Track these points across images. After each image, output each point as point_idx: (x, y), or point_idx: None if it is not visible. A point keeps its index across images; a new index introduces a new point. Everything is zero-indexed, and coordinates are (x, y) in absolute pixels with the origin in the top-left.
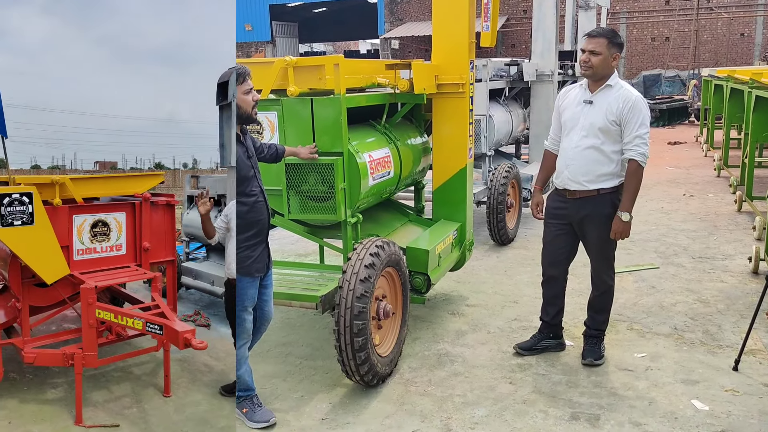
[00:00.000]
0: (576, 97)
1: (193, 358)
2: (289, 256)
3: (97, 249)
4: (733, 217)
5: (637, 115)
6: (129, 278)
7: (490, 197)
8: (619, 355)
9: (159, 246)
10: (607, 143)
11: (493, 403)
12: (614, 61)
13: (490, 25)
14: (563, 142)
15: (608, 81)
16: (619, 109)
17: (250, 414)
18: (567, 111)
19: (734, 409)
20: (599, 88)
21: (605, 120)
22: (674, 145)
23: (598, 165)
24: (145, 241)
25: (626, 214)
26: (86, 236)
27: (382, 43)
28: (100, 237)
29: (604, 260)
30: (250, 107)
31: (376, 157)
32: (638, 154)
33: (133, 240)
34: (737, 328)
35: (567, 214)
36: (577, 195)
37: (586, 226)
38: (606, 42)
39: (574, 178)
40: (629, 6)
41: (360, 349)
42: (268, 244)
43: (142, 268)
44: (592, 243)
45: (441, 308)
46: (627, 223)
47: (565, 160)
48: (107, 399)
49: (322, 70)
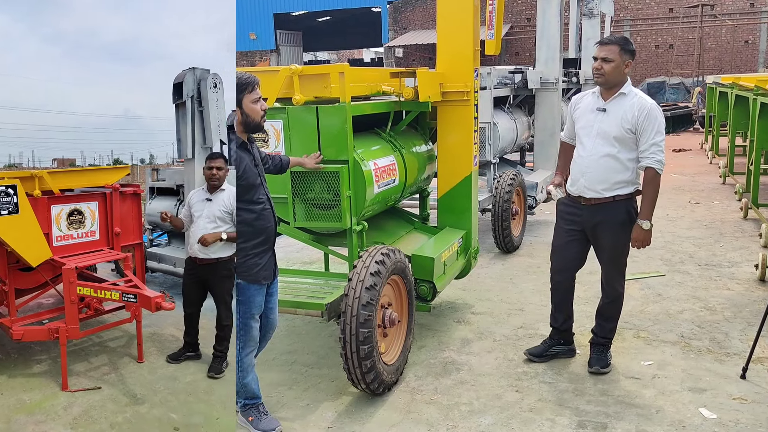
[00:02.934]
0: (589, 105)
1: (162, 330)
2: (295, 264)
3: (73, 235)
4: (739, 225)
5: (653, 123)
6: (103, 259)
7: (495, 205)
8: (625, 363)
9: (128, 231)
10: (623, 151)
11: (500, 411)
12: (627, 69)
13: (494, 33)
14: (578, 150)
15: (622, 89)
16: (634, 118)
17: (255, 422)
18: (581, 119)
19: (742, 417)
20: (613, 96)
21: (620, 128)
22: (679, 152)
23: (614, 173)
24: (116, 227)
25: (647, 222)
26: (64, 224)
27: (386, 52)
28: (76, 224)
29: (615, 268)
30: (258, 116)
31: (381, 165)
32: (655, 161)
33: (105, 226)
34: (744, 335)
35: (580, 221)
36: (592, 202)
37: (600, 232)
38: (618, 49)
39: (591, 186)
40: (633, 14)
41: (366, 357)
42: (274, 252)
43: (114, 251)
44: (605, 250)
45: (446, 316)
46: (648, 231)
47: (580, 167)
48: (88, 369)
49: (328, 78)
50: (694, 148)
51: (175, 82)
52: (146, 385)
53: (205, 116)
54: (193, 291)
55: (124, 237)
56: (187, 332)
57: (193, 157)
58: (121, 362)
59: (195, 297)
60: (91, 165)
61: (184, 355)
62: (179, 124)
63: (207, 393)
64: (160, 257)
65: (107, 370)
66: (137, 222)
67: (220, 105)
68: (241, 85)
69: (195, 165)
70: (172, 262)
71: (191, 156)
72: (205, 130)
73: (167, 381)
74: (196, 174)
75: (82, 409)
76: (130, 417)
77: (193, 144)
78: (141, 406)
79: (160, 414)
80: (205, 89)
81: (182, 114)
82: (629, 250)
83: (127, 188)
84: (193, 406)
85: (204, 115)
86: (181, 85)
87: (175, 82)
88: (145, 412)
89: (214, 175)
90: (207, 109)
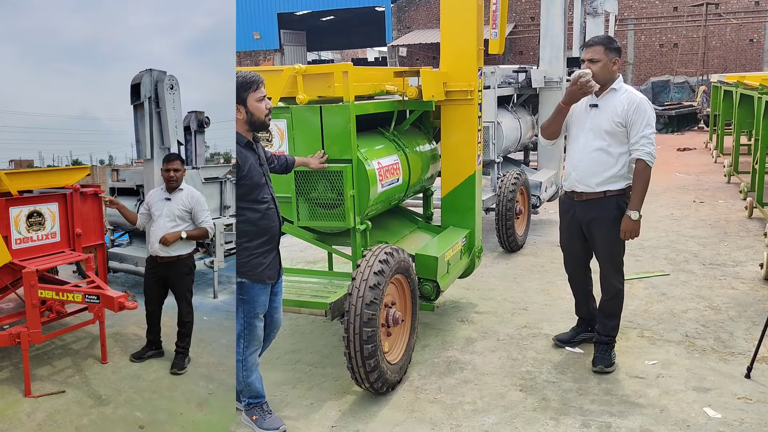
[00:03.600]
0: (582, 102)
1: (124, 330)
2: (298, 263)
3: (33, 237)
4: (743, 224)
5: (642, 115)
6: (64, 261)
7: (499, 204)
8: (630, 362)
9: (89, 231)
10: (614, 145)
11: (504, 410)
12: (614, 66)
13: (498, 32)
14: (571, 146)
15: (613, 85)
16: (624, 111)
17: (260, 421)
18: (573, 115)
19: (747, 417)
20: (604, 93)
21: (611, 122)
22: (683, 151)
23: (606, 167)
24: (77, 228)
25: (635, 212)
26: (23, 226)
27: (389, 51)
28: (36, 226)
29: (611, 263)
30: (263, 114)
31: (384, 164)
32: (645, 153)
33: (66, 227)
34: (749, 335)
35: (576, 216)
36: (584, 197)
37: (593, 229)
38: (603, 48)
39: (582, 180)
40: (637, 12)
41: (369, 356)
42: (279, 251)
43: (76, 252)
44: (599, 246)
45: (450, 315)
46: (636, 222)
47: (573, 162)
48: (51, 372)
49: (331, 78)
50: (698, 147)
51: (132, 83)
52: (110, 385)
53: (162, 117)
54: (154, 289)
55: (86, 238)
56: (149, 330)
57: (152, 157)
58: (84, 364)
59: (157, 295)
60: (50, 166)
61: (147, 353)
62: (137, 125)
63: (170, 389)
64: (121, 257)
65: (71, 373)
66: (99, 222)
67: (177, 106)
68: (245, 83)
69: (154, 165)
70: (134, 262)
71: (150, 156)
72: (162, 130)
73: (131, 380)
74: (155, 174)
75: (46, 414)
76: (95, 419)
77: (151, 145)
78: (106, 407)
79: (126, 413)
80: (162, 90)
81: (140, 115)
82: (625, 246)
83: (88, 188)
84: (158, 404)
85: (161, 116)
86: (139, 86)
87: (133, 83)
88: (110, 413)
89: (172, 177)
90: (164, 110)
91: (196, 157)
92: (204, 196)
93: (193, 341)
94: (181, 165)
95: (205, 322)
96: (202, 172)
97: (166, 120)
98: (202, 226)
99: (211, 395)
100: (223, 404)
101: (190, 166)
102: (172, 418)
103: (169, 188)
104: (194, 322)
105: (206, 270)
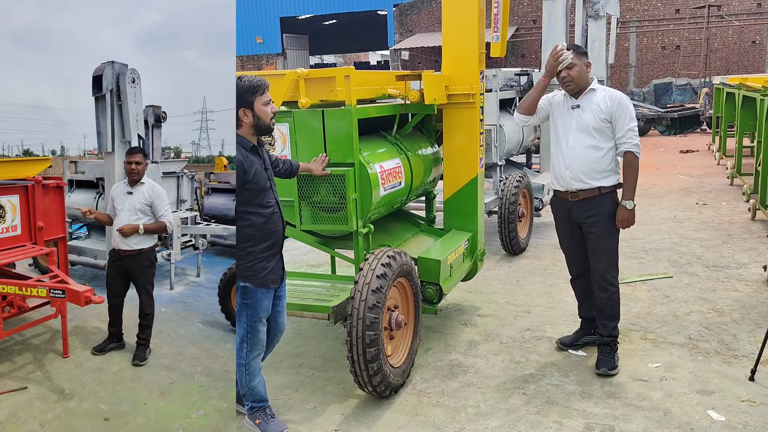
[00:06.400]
0: (562, 105)
1: (85, 323)
2: (301, 267)
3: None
4: (746, 226)
5: (625, 110)
6: (26, 255)
7: (502, 207)
8: (633, 365)
9: (51, 224)
10: (602, 141)
11: (507, 414)
12: (588, 69)
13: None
14: (558, 148)
15: (591, 86)
16: (608, 108)
17: (263, 425)
18: (557, 119)
19: (751, 419)
20: (584, 93)
21: (597, 119)
22: (686, 153)
23: (597, 162)
24: (39, 221)
25: (630, 202)
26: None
27: (392, 55)
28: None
29: (607, 260)
30: (268, 118)
31: (387, 167)
32: (633, 145)
33: (27, 220)
34: (753, 337)
35: (573, 216)
36: (579, 196)
37: (590, 227)
38: (573, 53)
39: (576, 176)
40: (639, 15)
41: (372, 360)
42: (282, 255)
43: (37, 246)
44: (598, 242)
45: (453, 318)
46: (631, 211)
47: (564, 162)
48: (12, 369)
49: (333, 81)
50: (701, 149)
51: (94, 74)
52: (73, 379)
53: (124, 110)
54: (116, 282)
55: (48, 231)
56: (111, 323)
57: (113, 150)
58: (46, 359)
59: (119, 288)
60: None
61: (109, 346)
62: (99, 118)
63: (133, 381)
64: (80, 250)
65: (32, 369)
66: (60, 215)
67: (138, 100)
68: (253, 87)
69: (115, 159)
70: (93, 255)
71: (111, 150)
72: (124, 124)
73: (94, 373)
74: (116, 167)
75: (8, 412)
76: (59, 413)
77: (113, 138)
78: (70, 401)
79: (90, 406)
80: (124, 83)
81: (102, 107)
82: (618, 242)
83: (50, 181)
84: (121, 395)
85: (123, 109)
86: (101, 78)
87: (95, 75)
88: (74, 407)
89: (134, 169)
90: (126, 104)
91: (153, 151)
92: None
93: (152, 332)
94: (143, 158)
95: (163, 313)
96: (161, 166)
97: (127, 113)
98: (161, 220)
99: (172, 384)
100: (184, 393)
101: (149, 160)
102: (135, 409)
103: (131, 181)
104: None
105: (163, 262)
